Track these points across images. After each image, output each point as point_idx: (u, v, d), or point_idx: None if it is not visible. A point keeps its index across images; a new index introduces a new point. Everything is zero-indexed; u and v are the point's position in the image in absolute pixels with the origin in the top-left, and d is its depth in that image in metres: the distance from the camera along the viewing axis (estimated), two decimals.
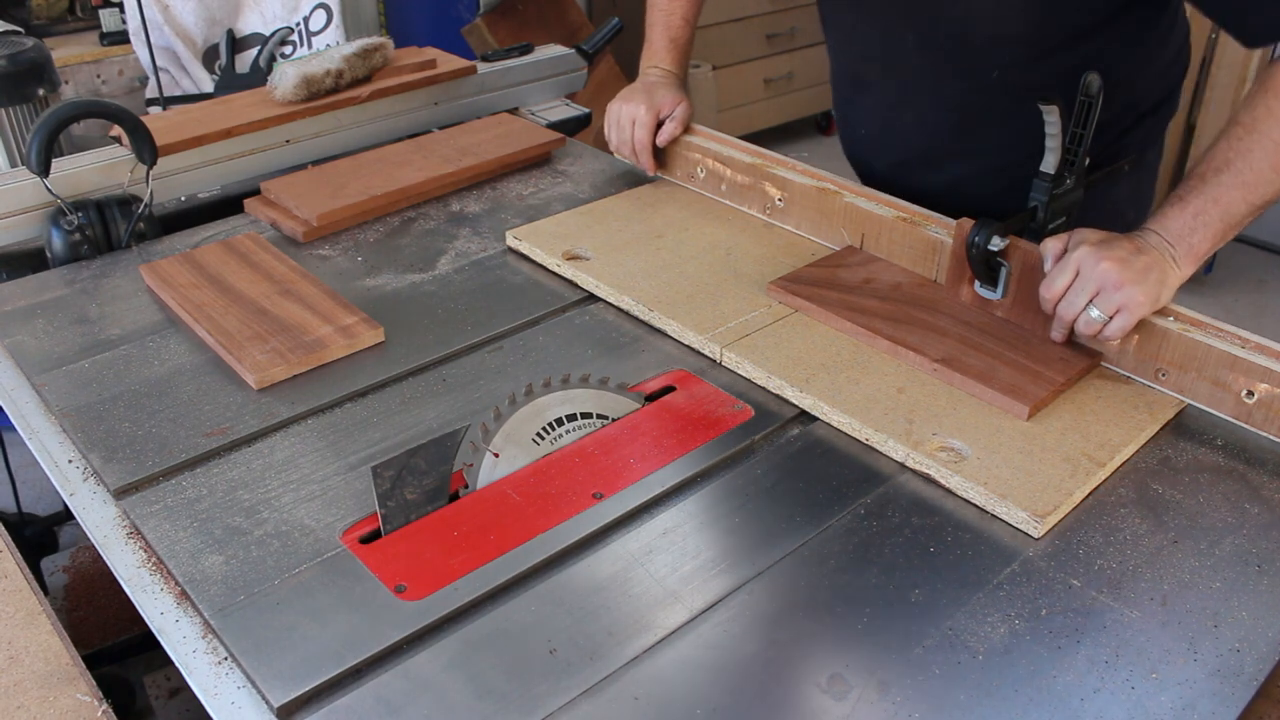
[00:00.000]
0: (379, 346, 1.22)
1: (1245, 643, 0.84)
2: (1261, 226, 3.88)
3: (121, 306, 1.31)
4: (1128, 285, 1.05)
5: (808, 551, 0.93)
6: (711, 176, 1.55)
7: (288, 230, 1.49)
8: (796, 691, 0.80)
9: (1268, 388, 1.05)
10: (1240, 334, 1.08)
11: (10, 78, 2.28)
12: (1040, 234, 1.21)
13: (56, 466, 1.05)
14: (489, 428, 1.05)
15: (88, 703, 0.84)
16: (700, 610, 0.87)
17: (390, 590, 0.88)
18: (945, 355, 1.15)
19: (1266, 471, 1.03)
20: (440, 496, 0.97)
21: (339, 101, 1.70)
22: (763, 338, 1.20)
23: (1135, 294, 1.05)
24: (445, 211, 1.57)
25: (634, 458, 1.03)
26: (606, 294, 1.32)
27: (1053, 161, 1.19)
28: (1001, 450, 1.03)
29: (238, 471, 1.03)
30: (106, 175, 1.49)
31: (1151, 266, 1.06)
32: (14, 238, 1.44)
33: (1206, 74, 3.43)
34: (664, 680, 0.81)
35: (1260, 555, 0.93)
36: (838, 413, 1.08)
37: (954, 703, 0.79)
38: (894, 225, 1.33)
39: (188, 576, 0.90)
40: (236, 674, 0.82)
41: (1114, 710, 0.79)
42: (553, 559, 0.92)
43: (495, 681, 0.81)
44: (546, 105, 1.98)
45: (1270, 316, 3.60)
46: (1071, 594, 0.89)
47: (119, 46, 2.99)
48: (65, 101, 1.41)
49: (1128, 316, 1.06)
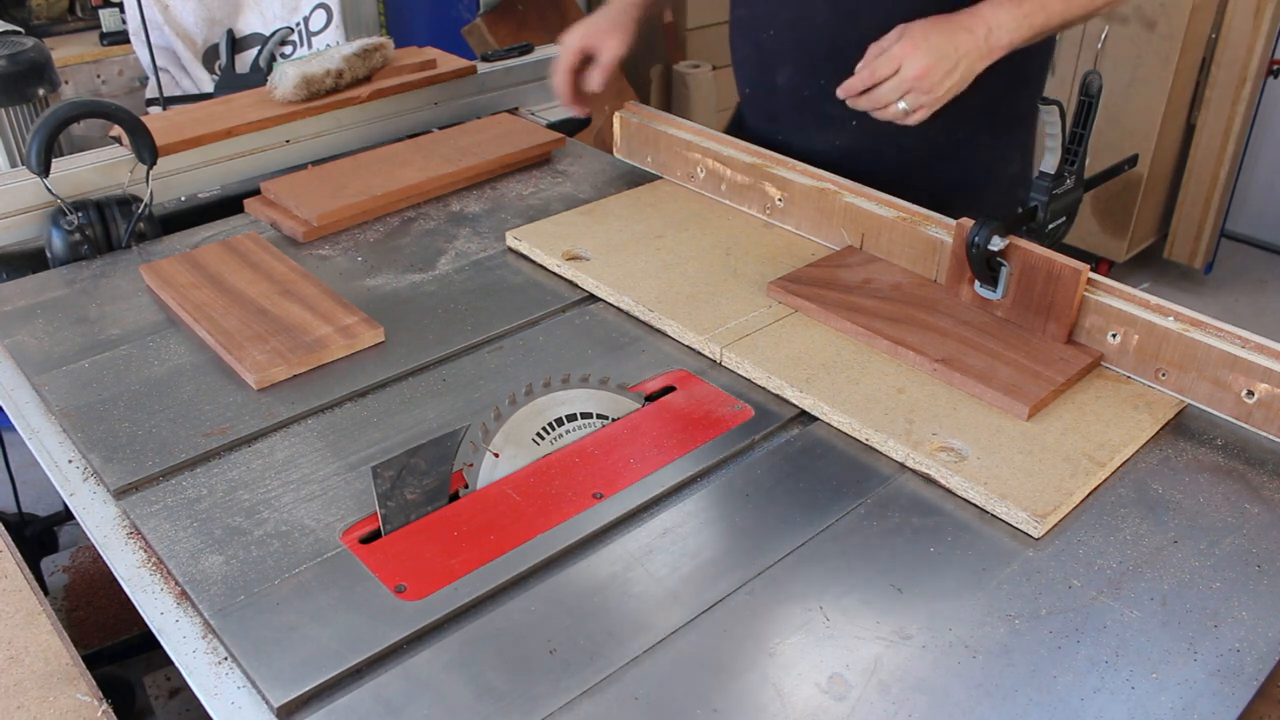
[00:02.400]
0: (379, 346, 1.22)
1: (1245, 643, 0.84)
2: (1261, 226, 3.89)
3: (121, 306, 1.31)
4: (937, 89, 1.21)
5: (808, 551, 0.93)
6: (711, 176, 1.55)
7: (288, 230, 1.49)
8: (796, 691, 0.80)
9: (1268, 388, 1.05)
10: (1240, 334, 1.08)
11: (10, 78, 2.29)
12: (1040, 234, 1.22)
13: (56, 466, 1.05)
14: (489, 428, 1.05)
15: (88, 703, 0.84)
16: (700, 610, 0.87)
17: (390, 590, 0.88)
18: (945, 355, 1.15)
19: (1266, 471, 1.03)
20: (440, 496, 0.97)
21: (339, 101, 1.70)
22: (763, 338, 1.21)
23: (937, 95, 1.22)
24: (445, 211, 1.57)
25: (634, 458, 1.03)
26: (606, 294, 1.32)
27: (1053, 161, 1.19)
28: (1001, 450, 1.03)
29: (238, 471, 1.03)
30: (106, 175, 1.49)
31: (959, 65, 1.22)
32: (14, 238, 1.44)
33: (1206, 74, 3.43)
34: (664, 680, 0.81)
35: (1260, 555, 0.93)
36: (838, 413, 1.08)
37: (954, 703, 0.79)
38: (894, 225, 1.33)
39: (188, 576, 0.90)
40: (236, 674, 0.82)
41: (1114, 710, 0.79)
42: (553, 559, 0.92)
43: (495, 681, 0.81)
44: (546, 105, 1.98)
45: (1270, 316, 3.60)
46: (1071, 594, 0.89)
47: (119, 46, 2.99)
48: (65, 101, 1.41)
49: (922, 114, 1.23)
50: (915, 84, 1.20)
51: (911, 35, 1.22)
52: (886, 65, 1.22)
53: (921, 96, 1.21)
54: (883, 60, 1.22)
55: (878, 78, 1.22)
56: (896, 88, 1.21)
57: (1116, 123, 3.46)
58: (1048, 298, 1.16)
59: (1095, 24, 3.42)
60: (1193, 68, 3.40)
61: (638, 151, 1.67)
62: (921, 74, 1.20)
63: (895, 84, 1.21)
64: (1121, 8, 3.31)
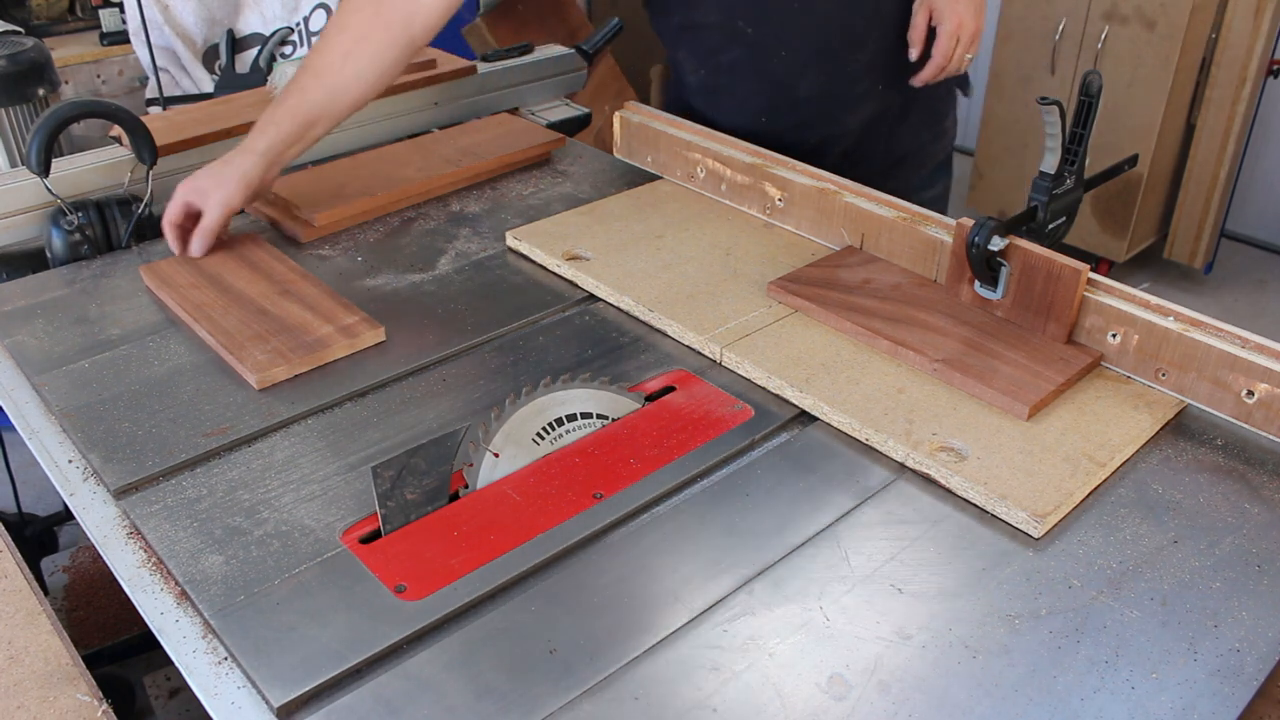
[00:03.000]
0: (379, 346, 1.22)
1: (1245, 643, 0.84)
2: (1261, 226, 3.89)
3: (121, 306, 1.31)
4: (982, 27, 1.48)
5: (808, 551, 0.93)
6: (711, 176, 1.55)
7: (288, 230, 1.49)
8: (796, 691, 0.80)
9: (1268, 388, 1.05)
10: (1240, 334, 1.08)
11: (10, 78, 2.28)
12: (1040, 234, 1.22)
13: (56, 466, 1.05)
14: (489, 428, 1.05)
15: (88, 703, 0.84)
16: (700, 610, 0.87)
17: (390, 590, 0.88)
18: (945, 355, 1.15)
19: (1266, 471, 1.03)
20: (440, 496, 0.97)
21: None
22: (763, 338, 1.21)
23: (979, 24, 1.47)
24: (445, 211, 1.57)
25: (634, 458, 1.03)
26: (606, 294, 1.32)
27: (1053, 161, 1.19)
28: (1001, 450, 1.03)
29: (238, 471, 1.03)
30: (106, 175, 1.49)
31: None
32: (14, 238, 1.44)
33: (1206, 74, 3.42)
34: (664, 680, 0.81)
35: (1260, 555, 0.93)
36: (838, 413, 1.08)
37: (954, 703, 0.79)
38: (894, 225, 1.33)
39: (188, 576, 0.90)
40: (236, 674, 0.82)
41: (1114, 710, 0.79)
42: (553, 559, 0.92)
43: (495, 681, 0.81)
44: (546, 105, 1.98)
45: (1270, 316, 3.60)
46: (1071, 594, 0.89)
47: (119, 46, 2.99)
48: (65, 101, 1.41)
49: (977, 46, 1.49)
50: (976, 36, 1.46)
51: (940, 3, 1.45)
52: (948, 39, 1.45)
53: (976, 42, 1.47)
54: (945, 34, 1.45)
55: (948, 51, 1.46)
56: (966, 46, 1.46)
57: (1116, 123, 3.46)
58: (1048, 298, 1.17)
59: (1095, 24, 3.43)
60: (1193, 68, 3.40)
61: (638, 151, 1.67)
62: (978, 28, 1.46)
63: (964, 45, 1.46)
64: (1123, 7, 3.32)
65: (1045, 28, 3.55)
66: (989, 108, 3.82)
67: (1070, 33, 3.50)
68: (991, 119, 3.82)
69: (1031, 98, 3.62)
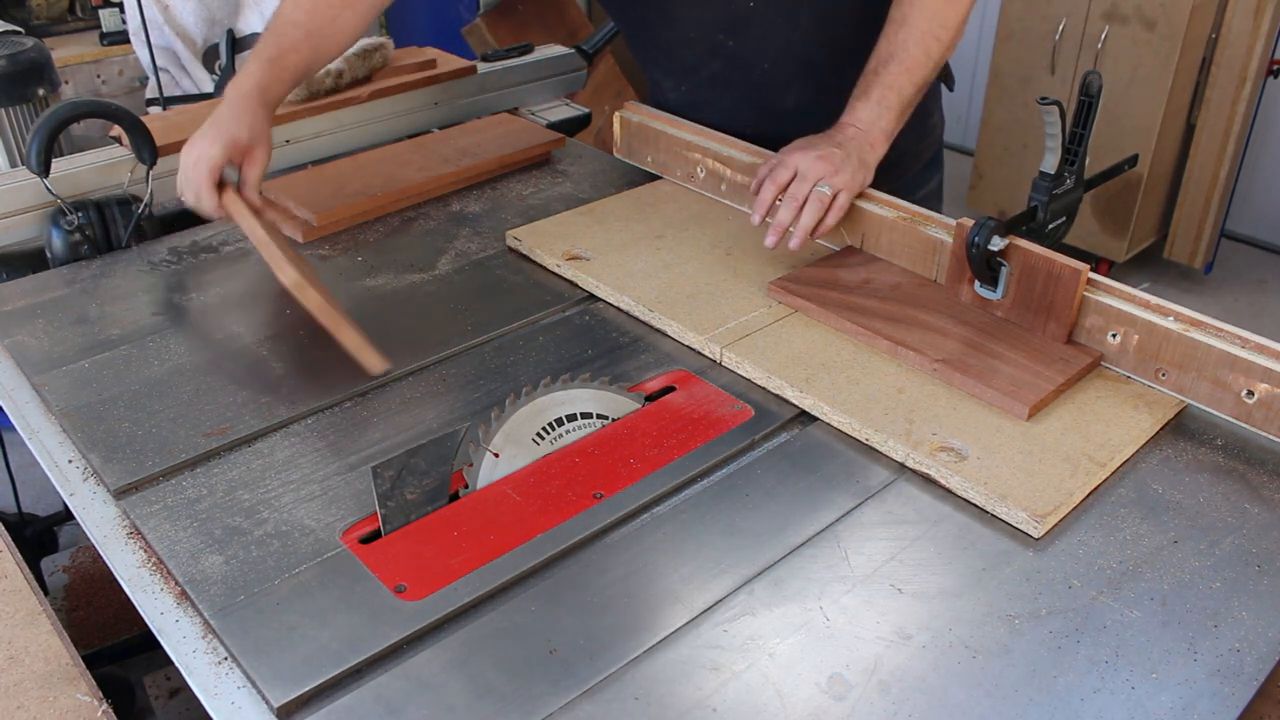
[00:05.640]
0: (380, 346, 1.22)
1: (1245, 643, 0.84)
2: (1261, 226, 3.89)
3: (121, 306, 1.31)
4: (842, 170, 1.28)
5: (808, 551, 0.93)
6: (711, 176, 1.55)
7: (288, 230, 1.48)
8: (796, 691, 0.80)
9: (1268, 388, 1.05)
10: (1240, 334, 1.08)
11: (10, 78, 2.29)
12: (1040, 234, 1.22)
13: (56, 466, 1.05)
14: (489, 428, 1.05)
15: (88, 703, 0.84)
16: (700, 610, 0.87)
17: (390, 590, 0.88)
18: (945, 355, 1.15)
19: (1266, 471, 1.03)
20: (440, 496, 0.97)
21: (339, 101, 1.70)
22: (763, 338, 1.21)
23: (845, 178, 1.29)
24: (445, 211, 1.57)
25: (634, 458, 1.03)
26: (606, 294, 1.32)
27: (1053, 161, 1.19)
28: (1001, 450, 1.03)
29: (238, 471, 1.03)
30: (106, 175, 1.49)
31: (850, 155, 1.30)
32: (14, 238, 1.44)
33: (1206, 74, 3.43)
34: (664, 680, 0.81)
35: (1260, 555, 0.93)
36: (838, 413, 1.08)
37: (954, 702, 0.79)
38: (894, 225, 1.33)
39: (188, 576, 0.90)
40: (236, 674, 0.82)
41: (1114, 710, 0.79)
42: (553, 559, 0.92)
43: (495, 681, 0.81)
44: (546, 105, 1.98)
45: (1270, 316, 3.60)
46: (1071, 594, 0.89)
47: (119, 46, 2.99)
48: (65, 101, 1.41)
49: (846, 196, 1.29)
50: (816, 169, 1.28)
51: (790, 147, 1.32)
52: (784, 172, 1.29)
53: (832, 179, 1.27)
54: (778, 169, 1.30)
55: (781, 184, 1.29)
56: (803, 179, 1.28)
57: (1116, 123, 3.46)
58: (1048, 298, 1.17)
59: (1095, 24, 3.43)
60: (1193, 68, 3.40)
61: (638, 151, 1.67)
62: (816, 160, 1.28)
63: (800, 178, 1.28)
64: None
65: (1045, 28, 3.56)
66: (989, 108, 3.82)
67: (1070, 33, 3.50)
68: (991, 119, 3.82)
69: (1031, 98, 3.63)
